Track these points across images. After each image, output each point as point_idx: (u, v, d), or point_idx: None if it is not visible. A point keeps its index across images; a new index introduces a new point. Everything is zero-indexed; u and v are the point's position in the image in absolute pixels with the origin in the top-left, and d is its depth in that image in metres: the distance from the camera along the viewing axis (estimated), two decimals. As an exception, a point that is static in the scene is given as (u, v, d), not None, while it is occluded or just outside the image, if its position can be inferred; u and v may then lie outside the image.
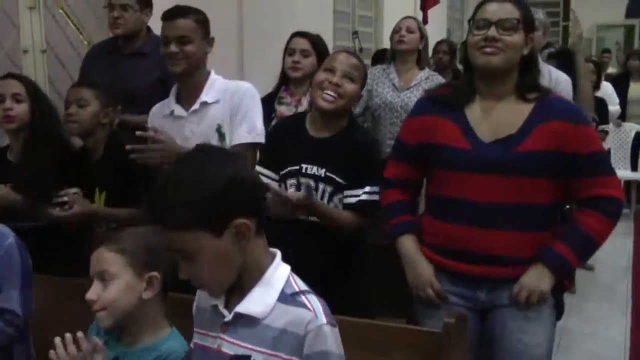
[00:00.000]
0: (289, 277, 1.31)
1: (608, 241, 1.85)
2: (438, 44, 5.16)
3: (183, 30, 2.24)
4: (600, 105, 5.00)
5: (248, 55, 4.48)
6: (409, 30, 3.46)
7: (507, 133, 1.77)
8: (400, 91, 3.43)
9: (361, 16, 7.12)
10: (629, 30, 11.67)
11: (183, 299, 1.56)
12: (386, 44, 7.02)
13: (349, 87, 2.11)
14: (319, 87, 2.12)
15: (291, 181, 2.15)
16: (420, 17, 5.73)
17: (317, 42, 3.05)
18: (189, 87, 2.36)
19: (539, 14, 3.19)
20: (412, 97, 3.36)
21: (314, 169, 2.12)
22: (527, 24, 1.79)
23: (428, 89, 3.38)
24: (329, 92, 2.09)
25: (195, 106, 2.33)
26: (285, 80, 3.08)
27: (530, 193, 1.76)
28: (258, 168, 2.22)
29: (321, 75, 2.14)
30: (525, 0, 1.85)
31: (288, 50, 3.04)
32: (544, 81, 3.09)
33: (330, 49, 6.11)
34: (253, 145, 2.31)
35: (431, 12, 6.37)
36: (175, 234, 1.22)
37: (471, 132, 1.81)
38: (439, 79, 3.50)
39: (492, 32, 1.74)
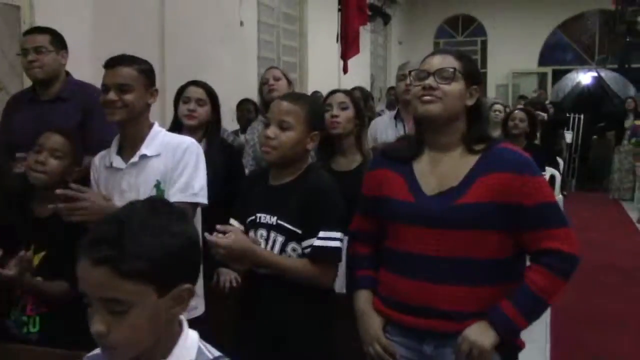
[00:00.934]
0: (199, 346, 1.22)
1: None
2: (352, 90, 5.26)
3: (123, 78, 2.18)
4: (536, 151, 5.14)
5: (170, 97, 4.45)
6: (276, 78, 3.54)
7: (449, 185, 1.76)
8: None
9: (285, 62, 7.21)
10: (542, 77, 12.27)
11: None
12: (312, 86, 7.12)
13: (283, 136, 2.03)
14: (260, 142, 2.10)
15: (261, 231, 2.06)
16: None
17: (211, 92, 3.04)
18: (129, 139, 2.27)
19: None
20: None
21: (266, 218, 2.05)
22: (469, 75, 1.80)
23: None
24: (264, 147, 2.06)
25: (135, 159, 2.24)
26: (177, 128, 3.00)
27: (476, 247, 1.73)
28: (231, 221, 2.12)
29: (262, 132, 2.12)
30: (469, 54, 1.90)
31: (183, 98, 3.01)
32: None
33: (256, 80, 6.18)
34: (191, 205, 2.21)
35: (353, 60, 6.52)
36: (119, 281, 1.08)
37: (416, 185, 1.81)
38: None
39: (430, 81, 1.76)
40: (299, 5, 7.65)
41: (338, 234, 2.00)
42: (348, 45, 5.59)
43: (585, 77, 13.16)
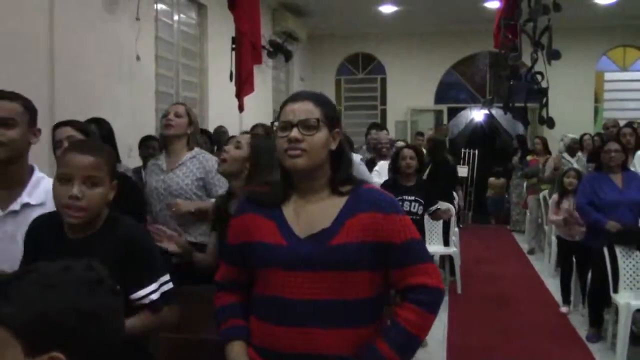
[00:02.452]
0: None
1: None
2: (253, 127, 5.26)
3: (7, 112, 2.03)
4: (428, 186, 5.28)
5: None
6: (177, 115, 3.50)
7: (321, 227, 1.76)
8: (166, 174, 3.49)
9: (185, 97, 7.11)
10: (438, 114, 12.77)
11: None
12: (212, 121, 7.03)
13: (92, 194, 1.87)
14: (59, 203, 1.88)
15: None
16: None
17: (83, 129, 2.83)
18: (6, 181, 2.10)
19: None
20: (174, 177, 3.46)
21: None
22: (330, 120, 1.80)
23: (195, 168, 3.46)
24: (69, 211, 1.86)
25: (15, 206, 2.09)
26: None
27: (350, 287, 1.73)
28: None
29: (59, 189, 1.88)
30: (327, 97, 1.88)
31: (55, 143, 2.80)
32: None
33: (154, 129, 6.03)
34: None
35: (256, 96, 6.52)
36: None
37: (287, 228, 1.78)
38: (206, 157, 3.56)
39: (295, 133, 1.74)
40: (200, 41, 7.60)
41: (167, 276, 1.99)
42: (242, 84, 5.57)
43: (478, 115, 13.84)
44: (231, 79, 5.72)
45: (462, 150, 12.19)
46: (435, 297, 1.77)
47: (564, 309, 5.94)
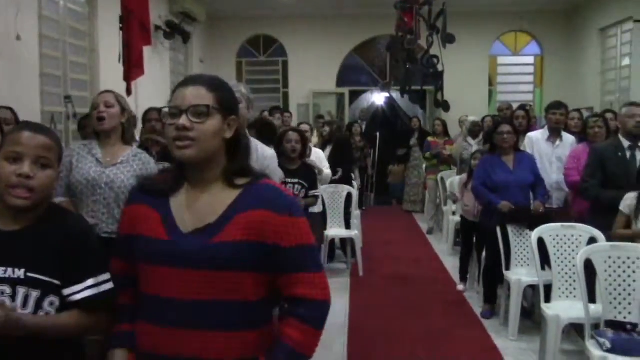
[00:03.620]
0: None
1: None
2: (146, 112, 5.05)
3: None
4: (311, 171, 5.24)
5: None
6: (108, 105, 3.29)
7: (207, 222, 1.63)
8: (106, 167, 3.25)
9: (74, 80, 6.73)
10: (340, 97, 12.83)
11: None
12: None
13: (42, 176, 1.78)
14: (5, 183, 1.74)
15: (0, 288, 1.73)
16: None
17: None
18: None
19: (240, 88, 3.22)
20: (118, 173, 3.26)
21: (7, 272, 1.73)
22: (226, 107, 1.66)
23: (137, 167, 3.29)
24: (16, 191, 1.74)
25: None
26: None
27: (234, 289, 1.60)
28: None
29: (6, 168, 1.75)
30: (222, 81, 1.73)
31: None
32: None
33: (39, 114, 5.66)
34: None
35: (151, 77, 6.24)
36: None
37: (172, 221, 1.65)
38: (147, 158, 3.39)
39: (184, 120, 1.60)
40: (89, 19, 7.19)
41: (107, 275, 1.83)
42: (130, 67, 5.30)
43: (379, 98, 14.02)
44: (120, 61, 5.43)
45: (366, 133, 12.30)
46: (321, 311, 1.66)
47: (460, 287, 6.11)
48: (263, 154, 3.16)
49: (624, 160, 4.44)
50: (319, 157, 6.11)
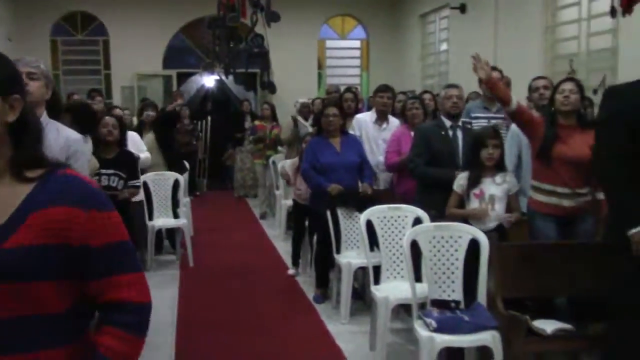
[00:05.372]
0: None
1: (152, 293, 1.49)
2: None
3: None
4: (130, 158, 4.86)
5: None
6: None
7: None
8: None
9: None
10: (167, 80, 12.26)
11: None
12: None
13: None
14: None
15: None
16: None
17: None
18: None
19: (40, 64, 2.81)
20: None
21: None
22: (3, 84, 1.36)
23: None
24: None
25: None
26: None
27: (33, 301, 1.33)
28: None
29: None
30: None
31: None
32: (52, 142, 2.75)
33: None
34: None
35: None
36: None
37: None
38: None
39: None
40: None
41: None
42: None
43: (208, 80, 13.62)
44: None
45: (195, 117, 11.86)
46: (142, 315, 1.46)
47: (291, 272, 6.03)
48: (67, 138, 2.78)
49: (447, 139, 4.57)
50: (135, 141, 5.72)
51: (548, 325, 3.27)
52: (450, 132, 4.59)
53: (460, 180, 3.95)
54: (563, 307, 3.66)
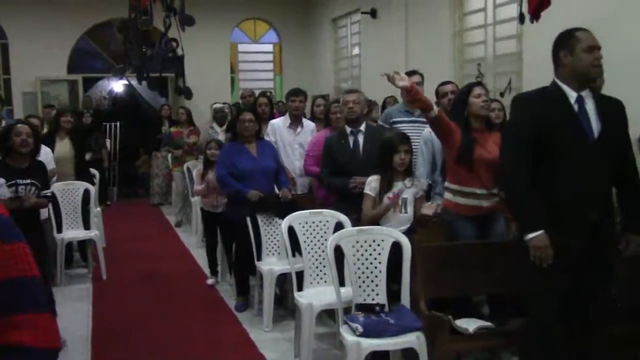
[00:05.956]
0: None
1: (64, 308, 1.31)
2: None
3: None
4: (43, 167, 4.62)
5: None
6: None
7: None
8: None
9: None
10: (73, 85, 11.75)
11: None
12: None
13: None
14: None
15: None
16: None
17: None
18: None
19: None
20: None
21: None
22: None
23: None
24: None
25: None
26: None
27: None
28: None
29: None
30: None
31: None
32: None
33: None
34: None
35: None
36: None
37: None
38: None
39: None
40: None
41: None
42: None
43: (117, 85, 13.18)
44: None
45: (104, 123, 11.43)
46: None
47: (210, 281, 5.91)
48: None
49: (347, 147, 4.62)
50: (47, 153, 5.45)
51: (470, 324, 3.35)
52: (351, 139, 4.64)
53: (372, 183, 4.02)
54: (483, 305, 3.77)
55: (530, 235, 2.95)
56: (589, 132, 2.96)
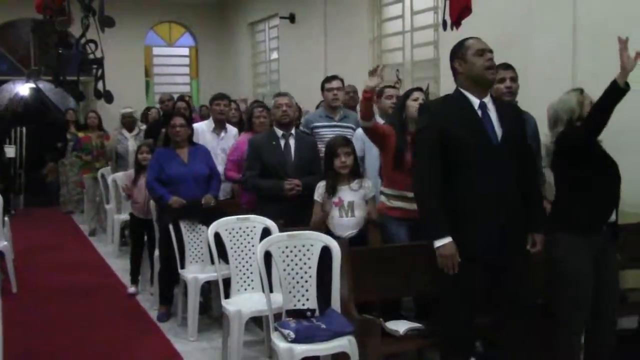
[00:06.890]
0: None
1: None
2: None
3: None
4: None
5: None
6: None
7: None
8: None
9: None
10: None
11: None
12: None
13: None
14: None
15: None
16: None
17: None
18: None
19: None
20: None
21: None
22: None
23: None
24: None
25: None
26: None
27: None
28: None
29: None
30: None
31: None
32: None
33: None
34: None
35: None
36: None
37: None
38: None
39: None
40: None
41: None
42: None
43: (23, 89, 12.56)
44: None
45: (10, 128, 10.86)
46: None
47: (131, 290, 5.72)
48: None
49: (278, 149, 4.58)
50: None
51: (400, 326, 3.39)
52: (282, 142, 4.61)
53: (319, 189, 4.00)
54: (410, 307, 3.82)
55: (438, 244, 3.00)
56: (493, 136, 3.06)
